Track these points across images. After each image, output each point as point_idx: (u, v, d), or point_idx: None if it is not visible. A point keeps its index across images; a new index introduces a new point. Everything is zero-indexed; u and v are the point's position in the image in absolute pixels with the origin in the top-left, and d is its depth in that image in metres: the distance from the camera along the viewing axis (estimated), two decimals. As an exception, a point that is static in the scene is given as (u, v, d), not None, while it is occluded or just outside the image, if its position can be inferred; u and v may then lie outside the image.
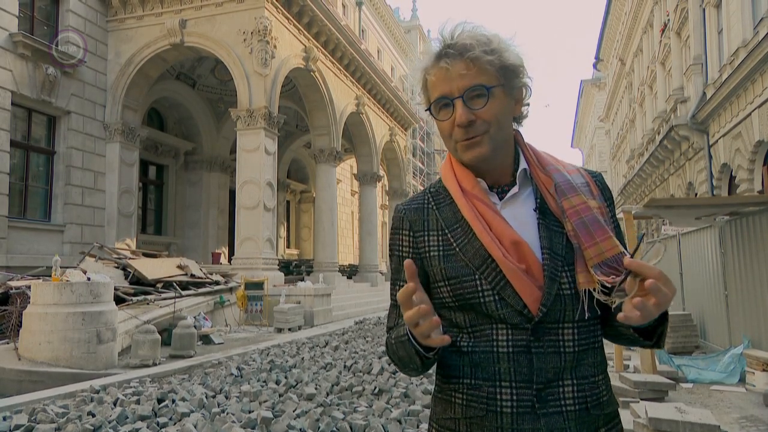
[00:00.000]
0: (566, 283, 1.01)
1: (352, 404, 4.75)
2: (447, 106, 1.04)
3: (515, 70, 1.05)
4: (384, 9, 32.58)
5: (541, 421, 0.99)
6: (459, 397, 1.05)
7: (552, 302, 1.00)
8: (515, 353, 1.01)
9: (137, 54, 13.82)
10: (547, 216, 1.05)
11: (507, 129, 1.08)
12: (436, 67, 1.05)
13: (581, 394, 1.01)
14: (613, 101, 32.69)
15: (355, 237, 27.30)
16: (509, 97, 1.06)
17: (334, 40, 16.17)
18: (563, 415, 0.99)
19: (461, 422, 1.04)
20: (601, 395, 1.04)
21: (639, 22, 22.36)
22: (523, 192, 1.08)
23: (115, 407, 4.67)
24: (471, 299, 1.03)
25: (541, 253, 1.02)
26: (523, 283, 1.00)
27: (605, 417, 1.04)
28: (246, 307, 11.94)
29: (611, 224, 1.07)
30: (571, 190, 1.06)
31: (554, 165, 1.11)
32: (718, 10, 13.08)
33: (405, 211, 1.14)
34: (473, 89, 1.01)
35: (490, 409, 1.01)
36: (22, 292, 8.28)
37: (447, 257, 1.06)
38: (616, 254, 1.00)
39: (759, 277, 6.33)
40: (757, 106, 10.47)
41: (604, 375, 1.07)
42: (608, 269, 0.99)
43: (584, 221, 1.02)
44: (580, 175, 1.11)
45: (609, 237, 1.01)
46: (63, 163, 12.88)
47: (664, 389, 5.32)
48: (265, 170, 13.00)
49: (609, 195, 1.12)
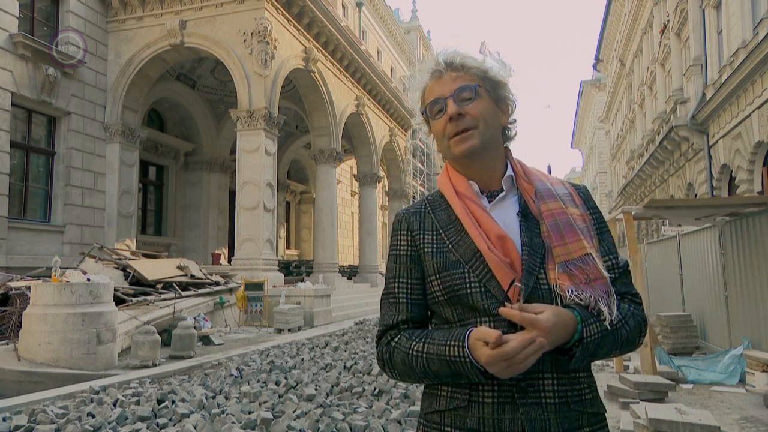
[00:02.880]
0: (543, 278, 1.09)
1: (352, 405, 4.75)
2: (441, 111, 1.17)
3: (499, 83, 1.18)
4: (384, 10, 32.59)
5: (520, 411, 1.04)
6: (444, 389, 1.12)
7: (529, 295, 1.06)
8: None
9: (137, 55, 13.82)
10: (528, 219, 1.15)
11: (495, 130, 1.18)
12: (432, 76, 1.20)
13: (561, 389, 1.06)
14: (612, 102, 32.71)
15: (355, 238, 27.29)
16: (494, 103, 1.18)
17: (334, 40, 16.17)
18: (543, 407, 1.04)
19: (446, 414, 1.10)
20: (583, 392, 1.09)
21: (639, 23, 22.37)
22: (510, 197, 1.19)
23: (114, 408, 4.67)
24: (459, 290, 1.10)
25: (521, 249, 1.10)
26: (506, 276, 1.07)
27: (589, 417, 1.09)
28: (246, 307, 11.94)
29: (594, 230, 1.16)
30: (550, 197, 1.17)
31: (538, 176, 1.22)
32: (718, 11, 13.09)
33: (404, 215, 1.25)
34: (462, 89, 1.14)
35: (472, 400, 1.07)
36: (22, 293, 8.27)
37: (440, 253, 1.15)
38: (583, 255, 1.09)
39: (759, 277, 6.33)
40: (757, 107, 10.47)
41: (588, 374, 1.12)
42: (574, 269, 1.08)
43: (557, 223, 1.13)
44: (563, 187, 1.22)
45: (578, 240, 1.11)
46: (63, 163, 12.88)
47: (664, 390, 5.32)
48: (265, 171, 13.01)
49: (593, 205, 1.21)
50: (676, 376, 5.99)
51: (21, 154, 12.22)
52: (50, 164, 12.88)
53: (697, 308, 8.36)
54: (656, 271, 10.94)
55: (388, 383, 5.44)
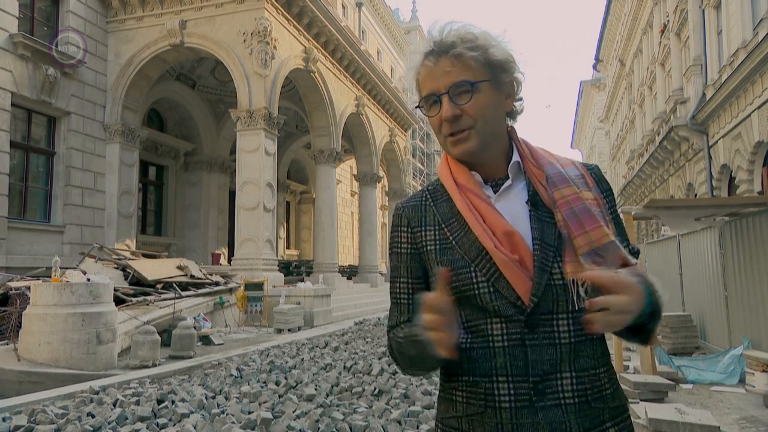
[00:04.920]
0: (558, 273, 1.01)
1: (351, 405, 4.75)
2: (435, 103, 1.07)
3: (502, 65, 1.07)
4: (384, 10, 32.60)
5: (539, 415, 0.98)
6: (459, 395, 1.06)
7: (543, 292, 1.00)
8: (510, 347, 1.01)
9: (137, 55, 13.82)
10: (539, 208, 1.06)
11: (496, 124, 1.08)
12: (423, 66, 1.08)
13: (581, 387, 1.00)
14: (612, 102, 32.72)
15: (355, 238, 27.29)
16: (498, 92, 1.07)
17: (334, 41, 16.17)
18: (562, 407, 0.99)
19: (463, 420, 1.05)
20: (604, 388, 1.03)
21: (639, 23, 22.38)
22: (517, 185, 1.09)
23: (114, 408, 4.67)
24: (466, 291, 1.04)
25: (532, 243, 1.02)
26: (516, 274, 1.00)
27: (611, 411, 1.03)
28: (246, 307, 11.94)
29: (608, 215, 1.07)
30: (563, 182, 1.06)
31: (548, 159, 1.11)
32: (718, 11, 13.09)
33: (404, 208, 1.17)
34: (458, 86, 1.04)
35: (489, 405, 1.01)
36: (22, 293, 8.27)
37: (443, 251, 1.08)
38: (607, 243, 1.00)
39: (759, 277, 6.33)
40: (757, 107, 10.48)
41: (607, 367, 1.05)
42: (599, 258, 0.98)
43: (574, 211, 1.03)
44: (574, 168, 1.11)
45: (599, 226, 1.01)
46: (63, 163, 12.88)
47: (663, 390, 5.32)
48: (264, 171, 13.01)
49: (606, 186, 1.12)
50: (676, 376, 5.98)
51: (21, 154, 12.22)
52: (50, 164, 12.89)
53: (697, 308, 8.36)
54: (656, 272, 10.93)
55: (388, 383, 5.44)
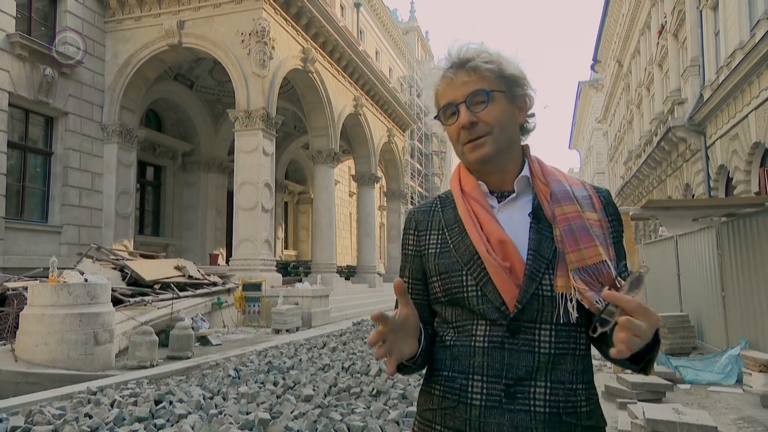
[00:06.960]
0: (547, 285, 1.04)
1: (349, 405, 4.75)
2: (453, 114, 1.13)
3: (516, 79, 1.13)
4: (382, 10, 32.59)
5: (506, 417, 1.01)
6: (437, 388, 1.11)
7: (529, 301, 1.04)
8: (490, 348, 1.05)
9: (135, 55, 13.80)
10: (540, 221, 1.09)
11: (510, 132, 1.13)
12: (442, 79, 1.15)
13: (554, 398, 1.02)
14: (610, 103, 32.76)
15: (353, 238, 27.26)
16: (511, 104, 1.13)
17: (332, 41, 16.17)
18: (530, 414, 1.01)
19: (437, 413, 1.10)
20: (579, 404, 1.04)
21: (636, 24, 22.42)
22: (523, 198, 1.14)
23: (112, 409, 4.66)
24: (457, 293, 1.09)
25: (527, 253, 1.06)
26: (504, 281, 1.05)
27: (584, 429, 1.04)
28: (244, 308, 11.92)
29: (609, 238, 1.09)
30: (566, 199, 1.10)
31: (557, 177, 1.15)
32: (715, 12, 13.12)
33: (414, 213, 1.24)
34: (475, 94, 1.10)
35: (462, 401, 1.06)
36: (19, 294, 8.26)
37: (442, 254, 1.14)
38: (598, 262, 1.03)
39: (756, 278, 6.34)
40: (754, 107, 10.50)
41: (588, 385, 1.07)
42: (588, 276, 1.03)
43: (572, 227, 1.06)
44: (583, 189, 1.14)
45: (594, 246, 1.05)
46: (60, 164, 12.85)
47: (661, 390, 5.33)
48: (263, 171, 12.99)
49: (613, 211, 1.14)
50: (674, 376, 5.99)
51: (18, 154, 12.19)
52: (47, 164, 12.86)
53: (694, 308, 8.38)
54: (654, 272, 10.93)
55: (386, 384, 5.44)
